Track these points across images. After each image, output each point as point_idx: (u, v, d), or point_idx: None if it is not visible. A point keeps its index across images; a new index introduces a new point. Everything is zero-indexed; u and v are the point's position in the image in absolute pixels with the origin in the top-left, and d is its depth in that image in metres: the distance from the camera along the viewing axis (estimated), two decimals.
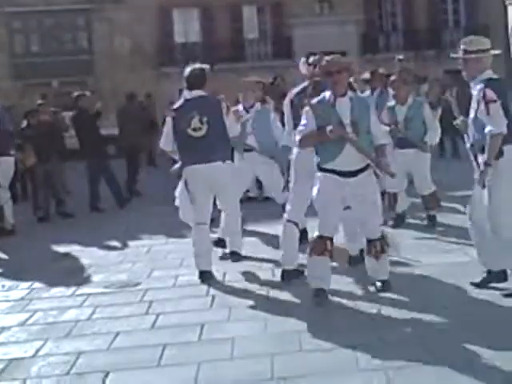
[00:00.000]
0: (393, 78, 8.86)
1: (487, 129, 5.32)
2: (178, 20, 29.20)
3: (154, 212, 10.60)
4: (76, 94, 12.14)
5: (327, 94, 5.64)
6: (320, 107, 5.59)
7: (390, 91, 8.93)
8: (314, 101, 5.69)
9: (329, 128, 5.40)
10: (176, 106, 6.72)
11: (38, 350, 5.09)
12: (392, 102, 8.51)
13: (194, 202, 6.69)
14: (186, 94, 6.69)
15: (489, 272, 5.69)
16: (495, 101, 5.30)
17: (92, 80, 27.14)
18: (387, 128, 8.03)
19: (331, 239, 5.65)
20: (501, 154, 5.34)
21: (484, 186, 5.38)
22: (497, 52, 5.63)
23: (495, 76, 5.52)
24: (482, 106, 5.33)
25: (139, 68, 27.00)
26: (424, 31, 29.71)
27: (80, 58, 28.03)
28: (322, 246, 5.60)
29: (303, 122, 5.66)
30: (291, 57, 28.43)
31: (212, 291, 6.24)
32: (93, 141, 11.52)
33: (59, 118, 12.71)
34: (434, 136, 8.41)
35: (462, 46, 5.56)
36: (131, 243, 8.75)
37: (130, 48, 28.03)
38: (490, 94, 5.32)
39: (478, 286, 5.71)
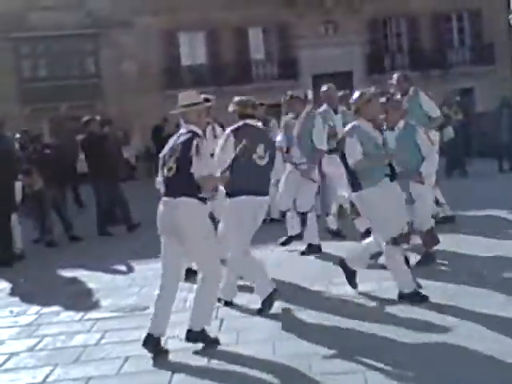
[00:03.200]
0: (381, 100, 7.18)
1: None
2: (183, 43, 29.36)
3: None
4: (86, 118, 12.21)
5: None
6: None
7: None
8: None
9: None
10: (235, 127, 6.36)
11: (47, 376, 5.08)
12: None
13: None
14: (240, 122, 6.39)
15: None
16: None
17: (100, 104, 27.26)
18: None
19: None
20: None
21: None
22: (209, 104, 6.16)
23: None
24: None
25: (146, 91, 27.09)
26: (429, 51, 29.79)
27: (88, 82, 28.21)
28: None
29: None
30: (297, 78, 28.54)
31: (220, 315, 6.21)
32: (101, 164, 11.55)
33: (75, 143, 12.62)
34: (430, 166, 7.33)
35: (180, 97, 5.58)
36: (139, 267, 8.73)
37: (138, 71, 28.17)
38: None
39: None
